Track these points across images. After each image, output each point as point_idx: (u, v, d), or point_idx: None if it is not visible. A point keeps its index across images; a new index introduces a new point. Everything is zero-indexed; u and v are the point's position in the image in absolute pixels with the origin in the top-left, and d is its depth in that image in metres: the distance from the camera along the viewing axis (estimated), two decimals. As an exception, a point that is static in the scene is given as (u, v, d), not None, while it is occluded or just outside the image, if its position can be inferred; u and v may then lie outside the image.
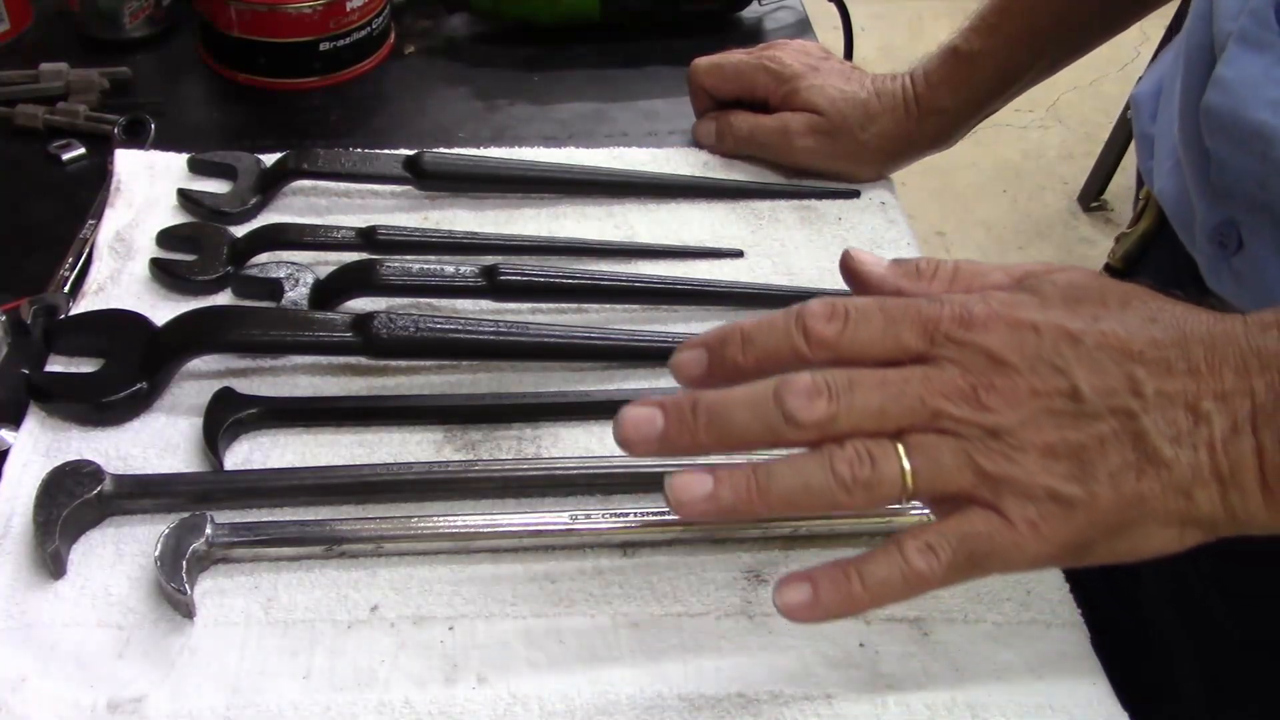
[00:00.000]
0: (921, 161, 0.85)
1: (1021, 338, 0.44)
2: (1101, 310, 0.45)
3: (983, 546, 0.44)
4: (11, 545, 0.58)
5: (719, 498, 0.44)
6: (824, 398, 0.43)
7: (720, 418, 0.44)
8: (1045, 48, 0.79)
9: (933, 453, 0.44)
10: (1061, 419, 0.44)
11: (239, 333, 0.65)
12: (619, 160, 0.84)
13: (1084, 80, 2.85)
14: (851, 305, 0.45)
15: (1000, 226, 2.59)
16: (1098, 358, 0.44)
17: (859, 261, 0.52)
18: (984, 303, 0.45)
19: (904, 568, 0.44)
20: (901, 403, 0.43)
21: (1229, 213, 0.62)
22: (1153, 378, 0.44)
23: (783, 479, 0.44)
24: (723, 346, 0.46)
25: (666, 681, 0.55)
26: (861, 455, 0.43)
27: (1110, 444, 0.44)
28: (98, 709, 0.52)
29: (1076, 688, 0.55)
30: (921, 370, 0.44)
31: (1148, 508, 0.44)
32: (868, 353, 0.45)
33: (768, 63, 0.83)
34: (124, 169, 0.80)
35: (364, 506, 0.61)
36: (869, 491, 0.43)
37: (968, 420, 0.43)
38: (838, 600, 0.44)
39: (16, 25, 0.95)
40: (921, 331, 0.45)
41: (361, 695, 0.53)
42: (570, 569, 0.59)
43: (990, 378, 0.44)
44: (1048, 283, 0.47)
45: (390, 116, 0.91)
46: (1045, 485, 0.43)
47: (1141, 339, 0.44)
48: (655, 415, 0.45)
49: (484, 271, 0.70)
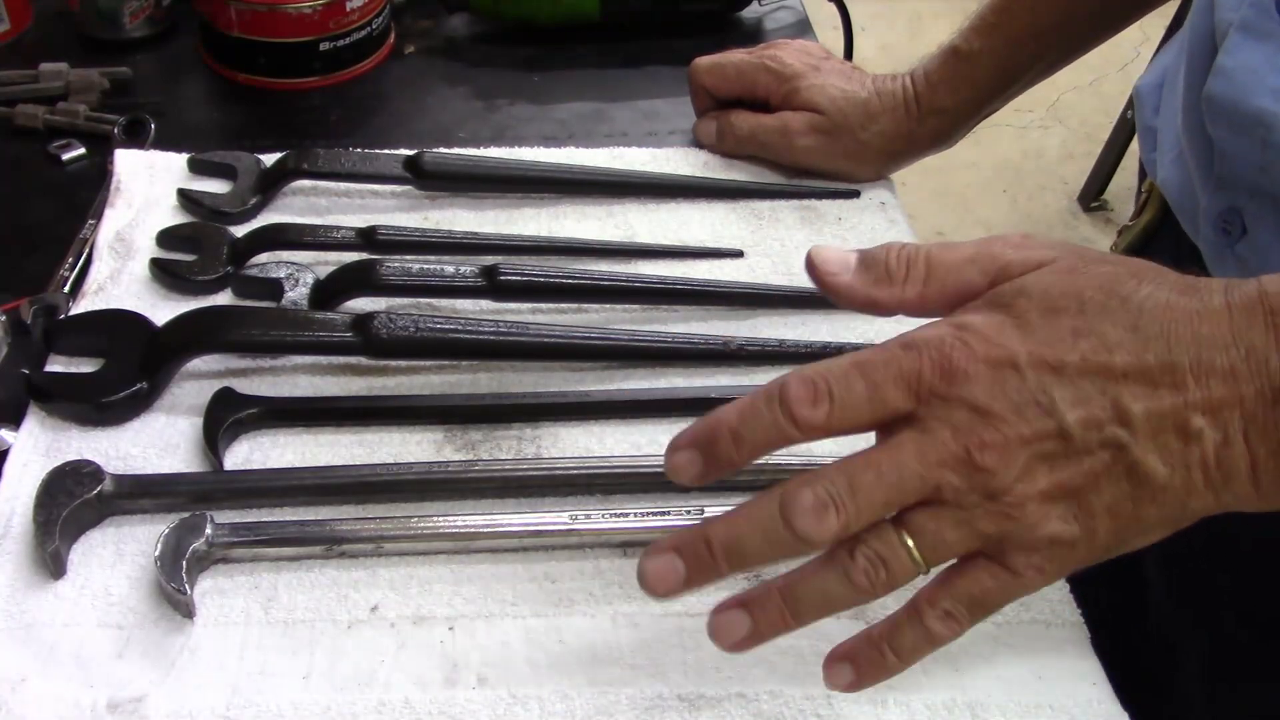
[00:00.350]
0: (921, 161, 0.85)
1: (1004, 381, 0.44)
2: (1080, 322, 0.44)
3: (994, 600, 0.46)
4: (11, 545, 0.58)
5: (759, 633, 0.47)
6: (831, 511, 0.44)
7: (736, 551, 0.46)
8: (1045, 47, 0.79)
9: (935, 533, 0.45)
10: (1054, 461, 0.44)
11: (239, 333, 0.65)
12: (619, 160, 0.84)
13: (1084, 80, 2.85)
14: (832, 380, 0.45)
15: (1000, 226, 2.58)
16: (1081, 387, 0.44)
17: (824, 268, 0.50)
18: (962, 343, 0.44)
19: (927, 635, 0.47)
20: (903, 488, 0.44)
21: (1232, 200, 0.62)
22: (1139, 399, 0.43)
23: (809, 599, 0.46)
24: (713, 445, 0.46)
25: (666, 681, 0.55)
26: (874, 561, 0.45)
27: (1104, 479, 0.44)
28: (98, 709, 0.52)
29: (1076, 688, 0.55)
30: (914, 443, 0.44)
31: (1145, 525, 0.45)
32: (857, 424, 0.45)
33: (768, 62, 0.83)
34: (124, 169, 0.80)
35: (364, 506, 0.61)
36: (890, 586, 0.45)
37: (966, 488, 0.44)
38: (877, 674, 0.48)
39: (16, 25, 0.95)
40: (906, 391, 0.44)
41: (361, 695, 0.53)
42: (570, 569, 0.59)
43: (980, 434, 0.43)
44: (1022, 295, 0.46)
45: (390, 116, 0.91)
46: (1046, 534, 0.44)
47: (1124, 355, 0.44)
48: (675, 563, 0.46)
49: (484, 271, 0.70)
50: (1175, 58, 0.72)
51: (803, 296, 0.75)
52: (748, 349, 0.70)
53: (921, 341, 0.45)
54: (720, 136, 0.85)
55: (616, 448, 0.65)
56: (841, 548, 0.45)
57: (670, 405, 0.67)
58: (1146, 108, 0.76)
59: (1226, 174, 0.62)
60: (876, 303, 0.50)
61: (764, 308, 0.74)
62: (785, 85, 0.82)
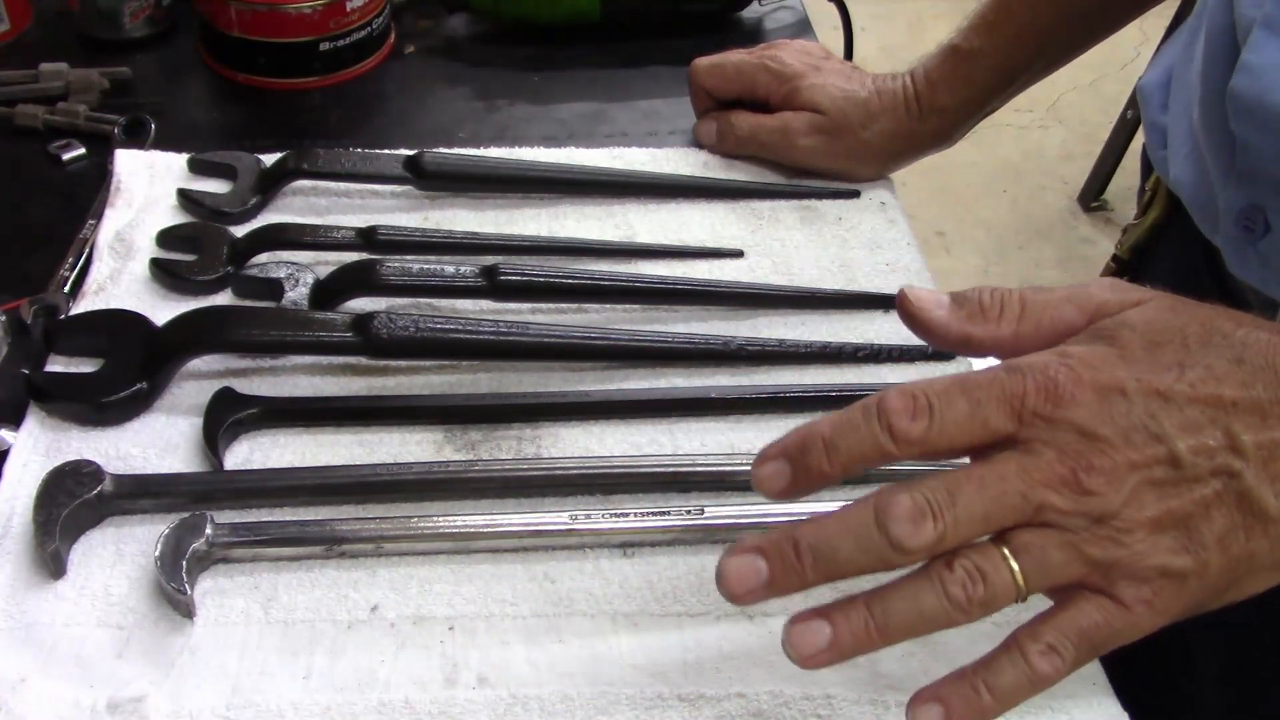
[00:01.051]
0: (921, 161, 0.85)
1: (1111, 406, 0.43)
2: (1185, 355, 0.44)
3: (1102, 635, 0.43)
4: (11, 545, 0.58)
5: (840, 646, 0.43)
6: (929, 519, 0.42)
7: (825, 556, 0.43)
8: (1045, 45, 0.79)
9: (1040, 553, 0.42)
10: (1164, 489, 0.42)
11: (239, 333, 0.65)
12: (619, 160, 0.84)
13: (1084, 80, 2.85)
14: (933, 395, 0.43)
15: (1000, 226, 2.59)
16: (1190, 415, 0.43)
17: (918, 304, 0.48)
18: (1067, 368, 0.43)
19: (1030, 674, 0.43)
20: (1004, 503, 0.42)
21: (1254, 197, 0.62)
22: (1249, 430, 0.43)
23: (899, 613, 0.43)
24: (804, 456, 0.44)
25: (666, 681, 0.55)
26: (973, 574, 0.42)
27: (1215, 507, 0.43)
28: (98, 709, 0.52)
29: (1077, 688, 0.55)
30: (1016, 460, 0.42)
31: (1257, 563, 0.44)
32: (956, 444, 0.43)
33: (769, 62, 0.83)
34: (124, 169, 0.80)
35: (364, 506, 0.61)
36: (986, 607, 0.43)
37: (1072, 511, 0.42)
38: (971, 716, 0.44)
39: (16, 25, 0.95)
40: (1009, 412, 0.43)
41: (361, 695, 0.53)
42: (570, 569, 0.59)
43: (1088, 458, 0.42)
44: (1125, 327, 0.45)
45: (390, 116, 0.91)
46: (1157, 564, 0.42)
47: (1232, 385, 0.43)
48: (758, 564, 0.43)
49: (484, 271, 0.70)
50: (1183, 53, 0.72)
51: (803, 296, 0.75)
52: (748, 349, 0.70)
53: (1026, 365, 0.44)
54: (721, 137, 0.85)
55: (616, 448, 0.65)
56: (938, 560, 0.43)
57: (670, 405, 0.67)
58: (1153, 104, 0.76)
59: (1249, 170, 0.62)
60: (971, 339, 0.48)
61: (764, 308, 0.74)
62: (786, 85, 0.82)
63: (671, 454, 0.64)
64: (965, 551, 0.43)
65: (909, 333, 0.49)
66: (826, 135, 0.81)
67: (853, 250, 0.79)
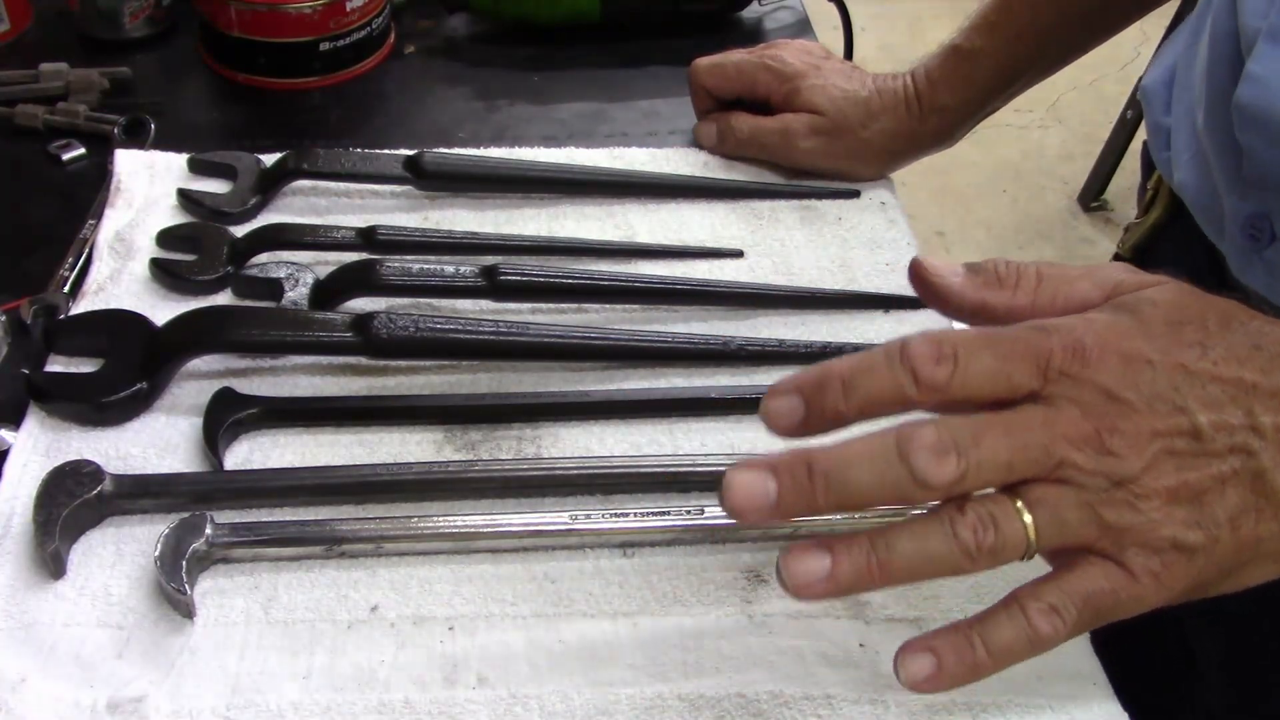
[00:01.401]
0: (921, 161, 0.85)
1: (1137, 373, 0.42)
2: (1205, 336, 0.44)
3: (1107, 603, 0.43)
4: (11, 545, 0.58)
5: (839, 578, 0.42)
6: (952, 456, 0.40)
7: (840, 481, 0.41)
8: (1046, 46, 0.79)
9: (1055, 508, 0.42)
10: (1183, 460, 0.42)
11: (239, 333, 0.65)
12: (619, 160, 0.84)
13: (1084, 80, 2.85)
14: (959, 343, 0.42)
15: (1000, 226, 2.59)
16: (1213, 392, 0.43)
17: (932, 270, 0.47)
18: (1094, 333, 0.43)
19: (1029, 632, 0.43)
20: (1027, 454, 0.41)
21: (1261, 205, 0.62)
22: (1269, 412, 0.43)
23: (904, 552, 0.42)
24: (820, 393, 0.42)
25: (666, 681, 0.55)
26: (985, 520, 0.41)
27: (1231, 484, 0.43)
28: (98, 709, 0.52)
29: (1077, 688, 0.55)
30: (1041, 413, 0.42)
31: (1264, 548, 0.44)
32: (978, 394, 0.42)
33: (769, 62, 0.83)
34: (124, 169, 0.80)
35: (364, 506, 0.61)
36: (993, 556, 0.42)
37: (1092, 470, 0.41)
38: (963, 670, 0.43)
39: (16, 25, 0.95)
40: (1034, 368, 0.42)
41: (361, 695, 0.53)
42: (570, 569, 0.59)
43: (1112, 419, 0.41)
44: (1146, 303, 0.45)
45: (390, 116, 0.91)
46: (1169, 535, 0.42)
47: (1252, 369, 0.43)
48: (766, 481, 0.41)
49: (484, 271, 0.70)
50: (1185, 53, 0.71)
51: (803, 296, 0.75)
52: (748, 349, 0.70)
53: (1052, 325, 0.43)
54: (721, 139, 0.85)
55: (616, 448, 0.65)
56: (950, 503, 0.42)
57: (670, 405, 0.67)
58: (1156, 105, 0.75)
59: (1255, 178, 0.62)
60: (987, 306, 0.47)
61: (764, 308, 0.74)
62: (786, 85, 0.82)
63: (671, 454, 0.64)
64: (979, 498, 0.42)
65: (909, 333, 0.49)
66: (827, 136, 0.81)
67: (853, 250, 0.79)
